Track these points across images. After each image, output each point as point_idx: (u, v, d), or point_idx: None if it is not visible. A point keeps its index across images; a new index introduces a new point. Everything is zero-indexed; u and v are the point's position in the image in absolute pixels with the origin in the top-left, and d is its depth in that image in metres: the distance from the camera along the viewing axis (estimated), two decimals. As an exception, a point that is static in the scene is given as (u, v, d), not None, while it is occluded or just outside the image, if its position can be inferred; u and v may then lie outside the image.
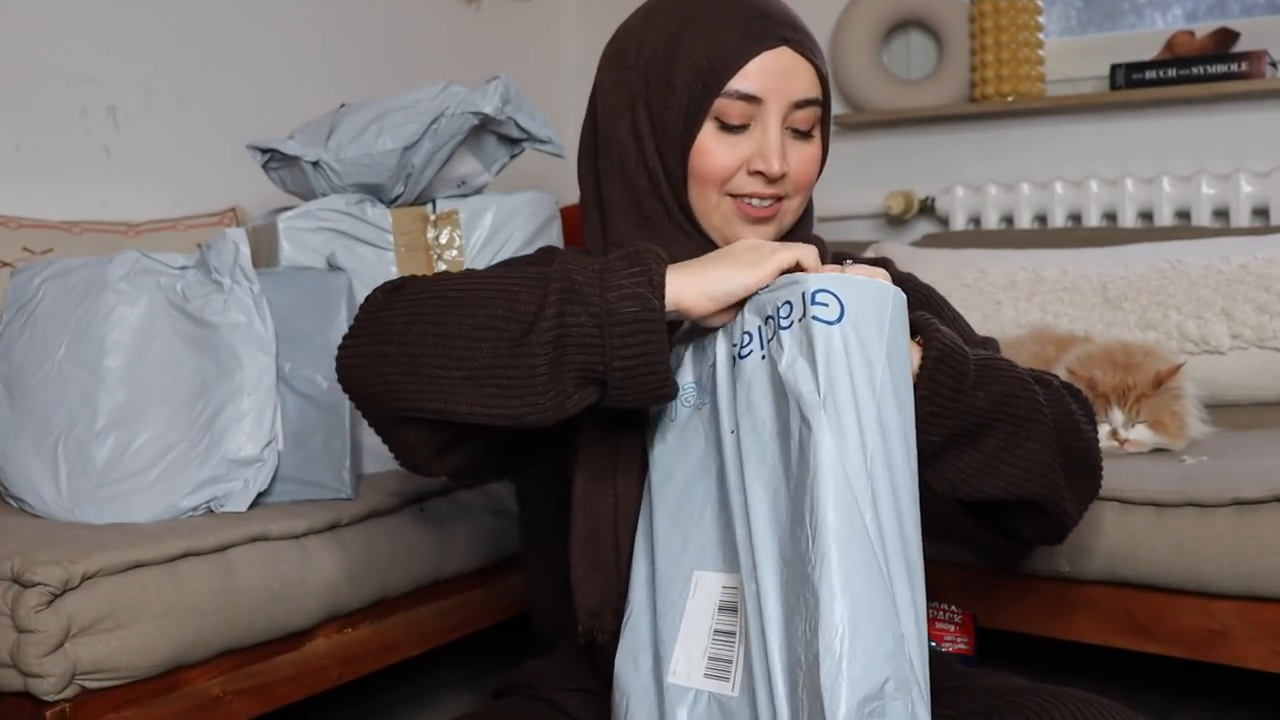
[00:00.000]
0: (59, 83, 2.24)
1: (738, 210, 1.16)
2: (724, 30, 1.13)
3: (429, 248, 1.96)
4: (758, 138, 1.14)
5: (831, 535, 0.87)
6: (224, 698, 1.55)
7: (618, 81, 1.18)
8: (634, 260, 1.01)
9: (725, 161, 1.14)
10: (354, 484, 1.74)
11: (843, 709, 0.84)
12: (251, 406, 1.67)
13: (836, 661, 0.85)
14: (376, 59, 2.76)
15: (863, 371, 0.93)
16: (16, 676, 1.38)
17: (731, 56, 1.12)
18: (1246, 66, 2.42)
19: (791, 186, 1.17)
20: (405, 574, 1.75)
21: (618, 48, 1.20)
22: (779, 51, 1.13)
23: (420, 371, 1.02)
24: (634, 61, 1.17)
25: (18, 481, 1.67)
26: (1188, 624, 1.59)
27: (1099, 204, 2.58)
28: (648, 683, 1.01)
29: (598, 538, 1.11)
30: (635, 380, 0.99)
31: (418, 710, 2.07)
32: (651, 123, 1.16)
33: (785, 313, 0.96)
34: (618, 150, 1.18)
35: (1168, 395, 1.78)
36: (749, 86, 1.13)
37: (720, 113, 1.13)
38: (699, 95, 1.13)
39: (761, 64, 1.13)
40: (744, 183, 1.15)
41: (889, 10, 2.79)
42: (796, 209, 1.20)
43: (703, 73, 1.13)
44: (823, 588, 0.86)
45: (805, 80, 1.15)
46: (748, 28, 1.13)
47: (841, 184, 2.88)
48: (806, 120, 1.16)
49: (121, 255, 1.75)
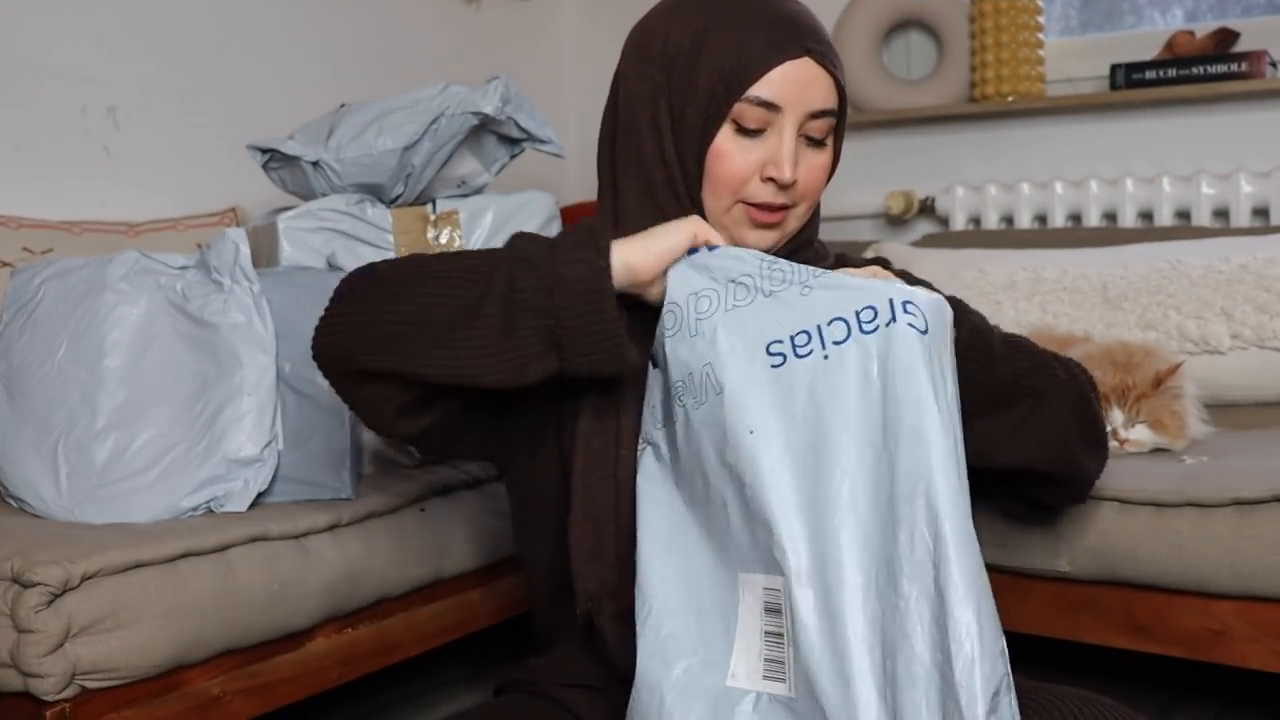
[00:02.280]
0: (59, 83, 2.25)
1: (747, 215, 1.18)
2: (749, 34, 1.14)
3: (429, 248, 1.96)
4: (773, 144, 1.15)
5: (952, 539, 0.92)
6: (224, 698, 1.54)
7: (641, 74, 1.19)
8: (580, 232, 1.10)
9: (740, 165, 1.16)
10: (354, 484, 1.74)
11: (981, 707, 0.89)
12: (251, 406, 1.67)
13: (970, 663, 0.90)
14: (376, 59, 2.76)
15: (946, 379, 0.99)
16: (16, 676, 1.38)
17: (755, 62, 1.13)
18: (1246, 66, 2.42)
19: (799, 194, 1.19)
20: (405, 574, 1.75)
21: (643, 37, 1.20)
22: (802, 62, 1.14)
23: (383, 333, 1.09)
24: (659, 55, 1.17)
25: (18, 481, 1.67)
26: (1188, 624, 1.59)
27: (1099, 204, 2.58)
28: (686, 682, 1.01)
29: (598, 523, 1.13)
30: (586, 340, 1.04)
31: (418, 710, 2.07)
32: (672, 118, 1.17)
33: (868, 318, 0.99)
34: (637, 141, 1.19)
35: (1168, 395, 1.78)
36: (769, 94, 1.14)
37: (739, 116, 1.14)
38: (720, 97, 1.14)
39: (784, 72, 1.14)
40: (757, 190, 1.17)
41: (889, 10, 2.79)
42: (802, 215, 1.22)
43: (725, 75, 1.13)
44: (950, 591, 0.91)
45: (823, 91, 1.16)
46: (773, 34, 1.14)
47: (841, 184, 2.84)
48: (821, 130, 1.18)
49: (121, 255, 1.75)
